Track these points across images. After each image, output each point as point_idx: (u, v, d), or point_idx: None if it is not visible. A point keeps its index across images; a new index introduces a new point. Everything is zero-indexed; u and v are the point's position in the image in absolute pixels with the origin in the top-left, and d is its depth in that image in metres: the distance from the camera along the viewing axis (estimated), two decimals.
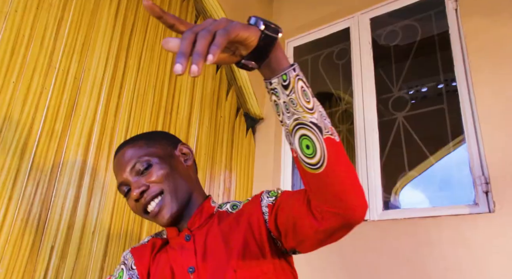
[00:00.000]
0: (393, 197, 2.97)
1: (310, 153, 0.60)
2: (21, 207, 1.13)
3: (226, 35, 0.49)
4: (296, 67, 0.60)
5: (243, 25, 0.53)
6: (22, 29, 1.22)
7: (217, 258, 0.77)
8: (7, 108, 1.15)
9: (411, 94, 2.32)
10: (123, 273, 0.84)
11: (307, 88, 0.60)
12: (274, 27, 0.57)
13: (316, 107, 0.60)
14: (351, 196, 0.61)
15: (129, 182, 0.82)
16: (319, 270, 1.72)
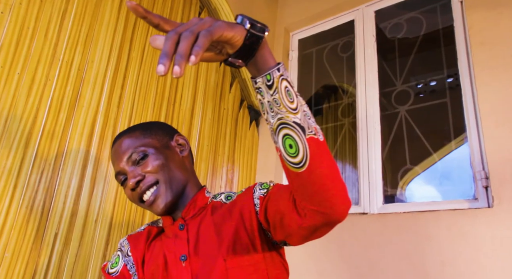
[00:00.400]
0: (399, 191, 2.97)
1: (293, 152, 0.60)
2: (26, 195, 1.16)
3: (209, 36, 0.50)
4: (281, 67, 0.60)
5: (228, 25, 0.54)
6: (26, 21, 1.25)
7: (209, 247, 0.79)
8: (12, 99, 1.18)
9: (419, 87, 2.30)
10: (119, 259, 0.87)
11: (291, 88, 0.60)
12: (261, 26, 0.57)
13: (300, 107, 0.61)
14: (332, 195, 0.62)
15: (126, 171, 0.85)
16: (318, 261, 1.74)
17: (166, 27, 0.53)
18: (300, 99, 0.62)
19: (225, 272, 0.76)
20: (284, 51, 2.34)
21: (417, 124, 1.81)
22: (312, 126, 0.61)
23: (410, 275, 1.50)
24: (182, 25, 0.51)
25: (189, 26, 0.51)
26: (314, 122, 0.63)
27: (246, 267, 0.77)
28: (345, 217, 0.64)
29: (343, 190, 0.63)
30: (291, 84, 0.61)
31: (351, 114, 2.18)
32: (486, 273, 1.36)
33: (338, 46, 2.27)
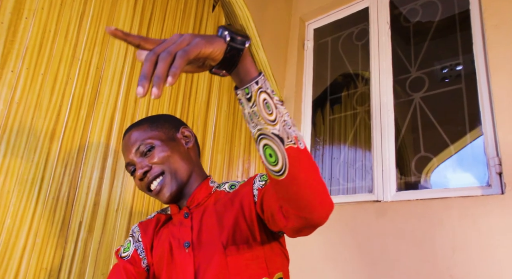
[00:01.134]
0: (423, 178, 2.95)
1: (273, 161, 0.62)
2: (52, 187, 1.26)
3: (185, 56, 0.52)
4: (260, 79, 0.61)
5: (206, 41, 0.55)
6: (48, 25, 1.33)
7: (210, 234, 0.85)
8: (37, 97, 1.27)
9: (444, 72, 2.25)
10: (130, 244, 0.95)
11: (271, 100, 0.62)
12: (241, 39, 0.59)
13: (279, 118, 0.62)
14: (312, 201, 0.64)
15: (134, 162, 0.91)
16: (334, 248, 1.78)
17: (147, 46, 0.54)
18: (281, 109, 0.63)
19: (225, 259, 0.81)
20: (300, 41, 2.36)
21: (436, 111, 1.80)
22: (292, 136, 0.63)
23: (421, 261, 1.52)
24: (161, 45, 0.53)
25: (168, 45, 0.53)
26: (294, 131, 0.64)
27: (244, 255, 0.82)
28: (325, 221, 0.67)
29: (323, 195, 0.65)
30: (271, 95, 0.62)
31: (366, 103, 2.18)
32: (497, 259, 1.37)
33: (353, 34, 2.26)
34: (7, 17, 1.22)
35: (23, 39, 1.26)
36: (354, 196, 1.89)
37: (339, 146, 2.39)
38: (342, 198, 1.93)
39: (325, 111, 2.44)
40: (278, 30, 2.34)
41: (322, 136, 2.41)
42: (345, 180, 2.21)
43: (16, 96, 1.22)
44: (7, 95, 1.20)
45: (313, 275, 1.79)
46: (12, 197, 1.17)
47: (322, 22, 2.36)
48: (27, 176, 1.20)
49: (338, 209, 1.83)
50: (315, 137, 2.37)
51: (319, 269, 1.78)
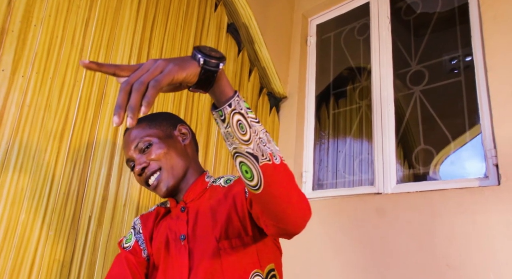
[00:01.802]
0: (432, 169, 2.95)
1: (249, 176, 0.66)
2: (63, 183, 1.35)
3: (158, 86, 0.54)
4: (233, 101, 0.63)
5: (180, 67, 0.57)
6: (55, 31, 1.41)
7: (204, 229, 0.90)
8: (46, 100, 1.35)
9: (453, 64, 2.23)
10: (131, 236, 1.02)
11: (245, 120, 0.64)
12: (215, 61, 0.60)
13: (254, 137, 0.64)
14: (287, 214, 0.68)
15: (134, 158, 0.97)
16: (335, 238, 1.83)
17: (122, 73, 0.56)
18: (256, 127, 0.65)
19: (218, 252, 0.86)
20: (302, 37, 2.39)
21: (432, 104, 1.81)
22: (266, 153, 0.65)
23: (419, 251, 1.55)
24: (135, 73, 0.55)
25: (141, 73, 0.55)
26: (269, 147, 0.66)
27: (237, 248, 0.86)
28: (301, 230, 0.72)
29: (298, 208, 0.68)
30: (245, 115, 0.64)
31: (367, 97, 2.21)
32: (492, 249, 1.39)
33: (355, 29, 2.28)
34: (17, 25, 1.30)
35: (32, 45, 1.34)
36: (356, 189, 1.93)
37: (343, 139, 2.42)
38: (344, 190, 1.97)
39: (329, 106, 2.47)
40: (280, 27, 2.38)
41: (327, 130, 2.45)
42: (348, 172, 2.25)
43: (27, 100, 1.30)
44: (18, 98, 1.28)
45: (316, 265, 1.84)
46: (25, 194, 1.25)
47: (324, 17, 2.38)
48: (39, 174, 1.29)
49: (340, 201, 1.88)
50: (319, 131, 2.41)
51: (321, 260, 1.83)
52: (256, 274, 0.87)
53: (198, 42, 1.93)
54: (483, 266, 1.39)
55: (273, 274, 0.91)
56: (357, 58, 2.29)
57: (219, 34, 2.06)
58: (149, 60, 0.58)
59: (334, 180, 2.27)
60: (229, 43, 2.11)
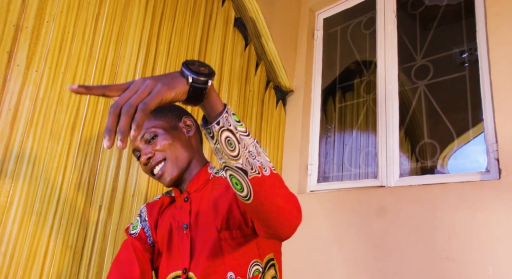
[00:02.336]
0: (440, 163, 2.97)
1: (239, 188, 0.69)
2: (74, 174, 1.41)
3: (146, 109, 0.54)
4: (221, 118, 0.64)
5: (168, 87, 0.57)
6: (67, 27, 1.46)
7: (206, 219, 0.94)
8: (58, 94, 1.41)
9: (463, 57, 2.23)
10: (138, 223, 1.07)
11: (234, 135, 0.65)
12: (204, 78, 0.61)
13: (242, 152, 0.66)
14: (277, 222, 0.71)
15: (140, 148, 1.01)
16: (338, 230, 1.86)
17: (111, 94, 0.57)
18: (246, 141, 0.67)
19: (218, 242, 0.90)
20: (309, 31, 2.41)
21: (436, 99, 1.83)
22: (256, 166, 0.67)
23: (420, 243, 1.58)
24: (123, 95, 0.55)
25: (130, 95, 0.55)
26: (259, 160, 0.68)
27: (237, 239, 0.90)
28: (290, 236, 0.75)
29: (288, 215, 0.71)
30: (234, 131, 0.65)
31: (373, 91, 2.22)
32: (491, 242, 1.42)
33: (362, 23, 2.29)
34: (31, 22, 1.36)
35: (45, 41, 1.39)
36: (359, 182, 1.96)
37: (349, 133, 2.44)
38: (348, 183, 2.00)
39: (336, 99, 2.49)
40: (287, 21, 2.40)
41: (333, 123, 2.47)
42: (354, 166, 2.28)
43: (40, 94, 1.36)
44: (32, 93, 1.34)
45: (320, 256, 1.89)
46: (39, 184, 1.31)
47: (331, 11, 2.39)
48: (52, 165, 1.35)
49: (345, 194, 1.91)
50: (326, 124, 2.44)
51: (325, 250, 1.87)
52: (255, 263, 0.91)
53: (205, 37, 1.97)
54: (483, 260, 1.42)
55: (272, 263, 0.95)
56: (363, 52, 2.30)
57: (226, 29, 2.09)
58: (138, 80, 0.58)
59: (339, 172, 2.30)
60: (236, 37, 2.14)
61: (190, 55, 1.87)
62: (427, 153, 1.98)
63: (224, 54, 2.05)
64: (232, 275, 0.89)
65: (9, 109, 1.27)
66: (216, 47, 2.01)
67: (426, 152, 2.00)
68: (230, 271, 0.89)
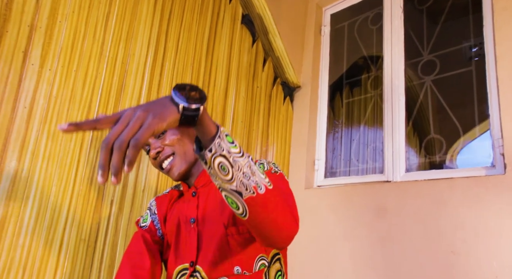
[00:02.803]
0: (449, 158, 2.97)
1: (235, 206, 0.71)
2: (87, 170, 1.45)
3: (138, 145, 0.54)
4: (213, 145, 0.64)
5: (159, 119, 0.57)
6: (78, 26, 1.50)
7: (213, 214, 0.96)
8: (71, 91, 1.45)
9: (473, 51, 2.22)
10: (148, 216, 1.11)
11: (227, 160, 0.65)
12: (196, 105, 0.60)
13: (236, 175, 0.67)
14: (273, 235, 0.74)
15: (149, 143, 1.03)
16: (345, 225, 1.89)
17: (101, 127, 0.56)
18: (240, 162, 0.67)
19: (225, 238, 0.93)
20: (316, 27, 2.42)
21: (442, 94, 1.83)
22: (250, 186, 0.68)
23: (426, 237, 1.60)
24: (114, 129, 0.55)
25: (121, 128, 0.55)
26: (254, 180, 0.69)
27: (243, 235, 0.93)
28: (287, 245, 0.78)
29: (285, 229, 0.74)
30: (227, 155, 0.65)
31: (379, 87, 2.23)
32: (496, 237, 1.43)
33: (369, 19, 2.30)
34: (44, 22, 1.39)
35: (58, 40, 1.43)
36: (366, 177, 1.98)
37: (356, 128, 2.46)
38: (354, 178, 2.02)
39: (343, 95, 2.51)
40: (294, 17, 2.41)
41: (340, 119, 2.49)
42: (361, 161, 2.29)
43: (54, 91, 1.40)
44: (46, 91, 1.38)
45: (327, 250, 1.91)
46: (54, 179, 1.36)
47: (338, 7, 2.40)
48: (66, 161, 1.39)
49: (351, 189, 1.93)
50: (333, 120, 2.45)
51: (332, 245, 1.90)
52: (261, 258, 0.94)
53: (213, 34, 1.99)
54: (487, 253, 1.44)
55: (278, 258, 0.98)
56: (370, 48, 2.30)
57: (233, 26, 2.11)
58: (129, 110, 0.57)
59: (346, 168, 2.32)
60: (244, 34, 2.16)
61: (198, 52, 1.90)
62: (434, 148, 1.99)
63: (232, 50, 2.08)
64: (238, 269, 0.92)
65: (24, 107, 1.32)
66: (224, 44, 2.04)
67: (435, 147, 2.00)
68: (237, 266, 0.92)
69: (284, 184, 0.95)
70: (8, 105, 1.29)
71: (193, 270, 0.95)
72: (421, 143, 2.23)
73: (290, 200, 0.89)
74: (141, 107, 0.58)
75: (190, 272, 0.95)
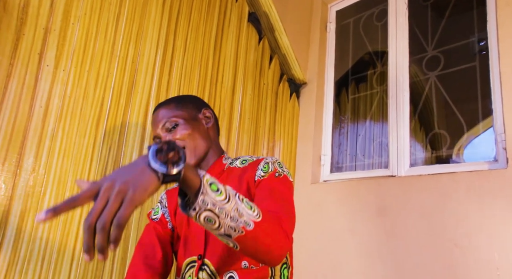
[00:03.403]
0: (455, 152, 2.98)
1: (225, 242, 0.75)
2: (99, 165, 1.51)
3: (122, 225, 0.53)
4: (197, 204, 0.65)
5: (140, 192, 0.56)
6: (90, 28, 1.55)
7: None
8: (84, 91, 1.51)
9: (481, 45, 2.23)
10: (159, 209, 1.16)
11: (212, 213, 0.66)
12: (176, 170, 0.59)
13: (223, 222, 0.68)
14: (265, 258, 0.78)
15: (160, 136, 1.07)
16: (350, 218, 1.93)
17: (81, 204, 0.55)
18: (226, 209, 0.67)
19: None
20: (322, 24, 2.45)
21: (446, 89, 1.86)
22: (239, 227, 0.70)
23: (429, 231, 1.64)
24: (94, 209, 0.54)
25: (101, 205, 0.54)
26: (242, 220, 0.70)
27: None
28: (280, 263, 0.81)
29: (275, 251, 0.77)
30: (213, 208, 0.66)
31: (384, 83, 2.26)
32: (498, 230, 1.46)
33: (374, 15, 2.32)
34: (58, 24, 1.45)
35: (71, 42, 1.49)
36: (371, 172, 2.01)
37: (362, 123, 2.49)
38: (359, 173, 2.06)
39: (349, 90, 2.53)
40: (300, 14, 2.44)
41: (346, 114, 2.52)
42: (366, 156, 2.33)
43: (68, 91, 1.46)
44: (61, 91, 1.44)
45: (333, 244, 1.96)
46: (69, 175, 1.43)
47: (344, 3, 2.42)
48: (80, 157, 1.46)
49: (356, 184, 1.97)
50: (339, 115, 2.49)
51: (338, 239, 1.95)
52: None
53: (220, 33, 2.04)
54: (489, 246, 1.47)
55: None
56: (375, 44, 2.33)
57: (240, 24, 2.15)
58: (106, 183, 0.56)
59: (352, 163, 2.35)
60: (250, 32, 2.20)
61: (206, 50, 1.95)
62: (440, 143, 2.02)
63: (239, 48, 2.12)
64: (246, 264, 0.95)
65: (40, 106, 1.38)
66: (231, 42, 2.08)
67: (440, 142, 2.03)
68: (244, 260, 0.95)
69: (285, 188, 0.97)
70: (25, 104, 1.35)
71: (202, 263, 0.99)
72: (427, 137, 2.25)
73: (284, 211, 0.89)
74: (119, 179, 0.57)
75: (198, 265, 0.99)
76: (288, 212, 0.90)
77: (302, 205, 2.12)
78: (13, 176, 1.30)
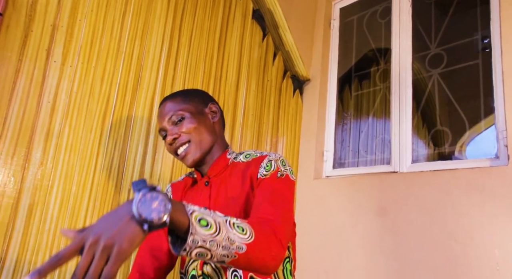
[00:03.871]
0: (457, 149, 2.99)
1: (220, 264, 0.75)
2: (106, 160, 1.54)
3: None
4: (187, 245, 0.64)
5: (126, 247, 0.55)
6: (97, 24, 1.57)
7: (225, 204, 1.01)
8: (90, 87, 1.53)
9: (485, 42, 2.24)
10: None
11: (203, 248, 0.67)
12: (164, 221, 0.59)
13: (216, 253, 0.69)
14: (261, 271, 0.80)
15: (167, 129, 1.08)
16: (352, 214, 1.95)
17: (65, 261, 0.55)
18: (217, 240, 0.68)
19: None
20: (326, 21, 2.46)
21: (449, 87, 1.87)
22: (232, 253, 0.71)
23: (430, 226, 1.66)
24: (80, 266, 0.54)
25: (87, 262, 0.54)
26: (233, 247, 0.71)
27: None
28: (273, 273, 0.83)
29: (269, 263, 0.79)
30: (203, 243, 0.66)
31: (387, 80, 2.27)
32: (498, 226, 1.48)
33: (377, 12, 2.33)
34: (66, 21, 1.47)
35: (78, 38, 1.51)
36: (373, 168, 2.03)
37: (365, 120, 2.50)
38: (363, 169, 2.08)
39: (352, 87, 2.55)
40: (304, 11, 2.45)
41: (349, 111, 2.53)
42: (369, 152, 2.34)
43: (74, 87, 1.48)
44: (68, 87, 1.46)
45: (335, 239, 1.98)
46: (75, 169, 1.45)
47: (347, 1, 2.43)
48: (86, 152, 1.48)
49: (359, 180, 1.99)
50: (342, 112, 2.50)
51: (341, 234, 1.97)
52: None
53: (225, 30, 2.05)
54: (489, 242, 1.49)
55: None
56: (379, 41, 2.34)
57: (244, 21, 2.17)
58: (91, 238, 0.56)
59: (355, 159, 2.37)
60: (254, 29, 2.22)
61: (211, 47, 1.97)
62: (442, 140, 2.03)
63: (243, 45, 2.13)
64: None
65: (48, 102, 1.41)
66: (235, 39, 2.10)
67: (443, 139, 2.05)
68: None
69: (285, 189, 0.97)
70: (33, 100, 1.37)
71: None
72: (430, 134, 2.26)
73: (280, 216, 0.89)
74: (104, 233, 0.56)
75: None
76: (285, 217, 0.91)
77: (305, 200, 2.15)
78: (22, 169, 1.33)
